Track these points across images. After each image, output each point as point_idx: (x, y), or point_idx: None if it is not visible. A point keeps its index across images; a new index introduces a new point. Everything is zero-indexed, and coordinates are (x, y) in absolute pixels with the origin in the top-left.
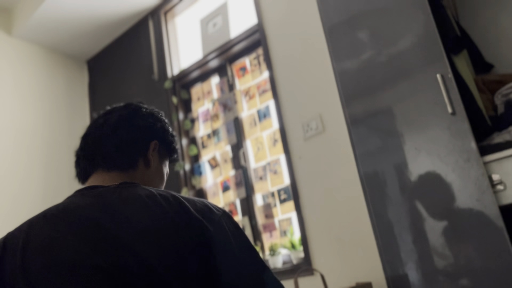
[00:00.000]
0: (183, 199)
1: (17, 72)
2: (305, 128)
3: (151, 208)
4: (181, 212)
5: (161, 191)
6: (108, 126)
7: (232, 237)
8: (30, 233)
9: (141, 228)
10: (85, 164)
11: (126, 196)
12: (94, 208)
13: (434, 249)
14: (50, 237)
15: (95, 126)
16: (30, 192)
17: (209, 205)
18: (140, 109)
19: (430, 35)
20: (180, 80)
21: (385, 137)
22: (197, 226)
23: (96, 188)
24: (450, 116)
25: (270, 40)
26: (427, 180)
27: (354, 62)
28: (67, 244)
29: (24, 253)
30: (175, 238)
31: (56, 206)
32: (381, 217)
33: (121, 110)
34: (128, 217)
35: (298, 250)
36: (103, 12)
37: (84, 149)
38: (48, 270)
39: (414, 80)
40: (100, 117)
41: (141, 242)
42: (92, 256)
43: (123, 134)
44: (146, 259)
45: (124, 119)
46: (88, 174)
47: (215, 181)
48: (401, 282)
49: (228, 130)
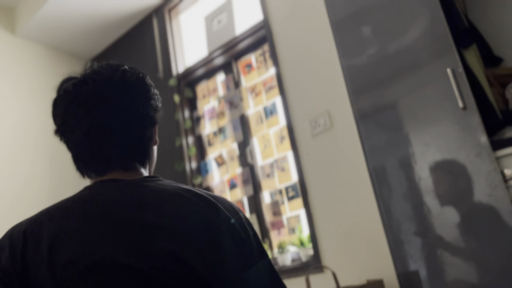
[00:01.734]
0: (210, 196)
1: (21, 71)
2: (313, 125)
3: (183, 205)
4: (212, 211)
5: (185, 186)
6: (118, 125)
7: (254, 242)
8: (53, 225)
9: (174, 226)
10: (96, 166)
11: (155, 191)
12: (124, 203)
13: (445, 245)
14: (77, 230)
15: (97, 124)
16: (35, 191)
17: (234, 206)
18: (139, 90)
19: (439, 29)
20: (185, 78)
21: (394, 132)
22: (228, 227)
23: (118, 181)
24: (461, 110)
25: (276, 36)
26: (437, 175)
27: (361, 57)
28: (94, 239)
29: (50, 245)
30: (210, 237)
31: (78, 198)
32: (391, 213)
33: (121, 97)
34: (160, 214)
35: (307, 247)
36: (107, 10)
37: (91, 150)
38: (74, 266)
39: (423, 74)
40: (96, 103)
41: (176, 242)
42: (123, 255)
43: (138, 130)
44: (184, 259)
45: (133, 110)
46: (102, 174)
47: (221, 179)
48: (412, 279)
49: (234, 128)
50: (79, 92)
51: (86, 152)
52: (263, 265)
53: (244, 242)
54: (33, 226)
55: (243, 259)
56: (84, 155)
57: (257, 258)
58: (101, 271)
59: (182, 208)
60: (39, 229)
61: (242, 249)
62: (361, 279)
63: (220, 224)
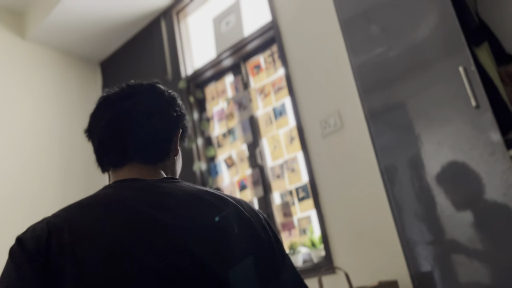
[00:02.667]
0: (229, 197)
1: (31, 75)
2: (323, 125)
3: (202, 207)
4: (232, 212)
5: (204, 188)
6: (138, 115)
7: (274, 242)
8: (76, 222)
9: (192, 227)
10: (114, 155)
11: (173, 193)
12: (144, 204)
13: (459, 246)
14: (99, 227)
15: (120, 113)
16: (46, 193)
17: (253, 207)
18: (164, 94)
19: (450, 26)
20: (194, 79)
21: (405, 131)
22: (248, 228)
23: (138, 180)
24: (473, 109)
25: (285, 37)
26: (450, 175)
27: (371, 56)
28: (117, 239)
29: (74, 241)
30: (229, 238)
31: (101, 196)
32: (403, 213)
33: (147, 95)
34: (179, 215)
35: (318, 248)
36: (115, 13)
37: (111, 138)
38: (97, 260)
39: (434, 72)
40: (120, 99)
41: (195, 242)
42: (146, 255)
43: (157, 124)
44: (205, 261)
45: (155, 107)
46: (118, 165)
47: (231, 180)
48: (426, 280)
49: (243, 129)
50: (110, 94)
51: (107, 139)
52: (284, 265)
53: (264, 242)
54: (57, 222)
55: (263, 260)
56: (105, 142)
57: (278, 258)
58: (122, 266)
59: (200, 210)
60: (62, 225)
61: (262, 249)
62: (373, 280)
63: (240, 225)
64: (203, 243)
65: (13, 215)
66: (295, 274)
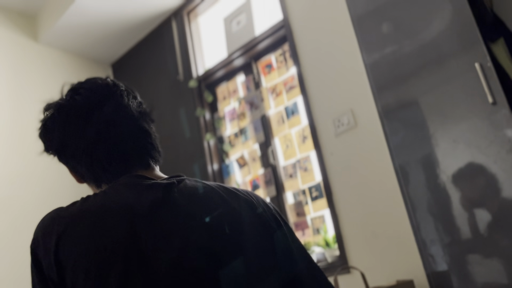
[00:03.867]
0: (239, 190)
1: (45, 78)
2: (336, 124)
3: (213, 201)
4: (242, 204)
5: (213, 183)
6: (125, 121)
7: (290, 237)
8: (90, 221)
9: (209, 223)
10: (115, 168)
11: (185, 190)
12: (156, 202)
13: (476, 244)
14: (113, 227)
15: (102, 123)
16: (58, 195)
17: (263, 199)
18: (123, 92)
19: (465, 22)
20: (205, 79)
21: (420, 128)
22: (258, 218)
23: (147, 178)
24: (490, 105)
25: (296, 35)
26: (467, 173)
27: (384, 53)
28: (132, 241)
29: (89, 237)
30: (240, 230)
31: (116, 195)
32: (419, 212)
33: (112, 97)
34: (194, 212)
35: (332, 248)
36: (126, 15)
37: (106, 152)
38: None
39: (449, 69)
40: (87, 108)
41: (212, 239)
42: (162, 250)
43: (144, 125)
44: (219, 255)
45: (134, 108)
46: (123, 174)
47: (244, 180)
48: (443, 279)
49: (255, 128)
50: (73, 103)
51: (102, 154)
52: (299, 252)
53: (277, 233)
54: (70, 219)
55: (278, 251)
56: (101, 158)
57: (291, 245)
58: (140, 264)
59: (212, 204)
60: (74, 224)
61: (275, 240)
62: (389, 280)
63: (251, 217)
64: (216, 238)
65: (25, 217)
66: (311, 261)
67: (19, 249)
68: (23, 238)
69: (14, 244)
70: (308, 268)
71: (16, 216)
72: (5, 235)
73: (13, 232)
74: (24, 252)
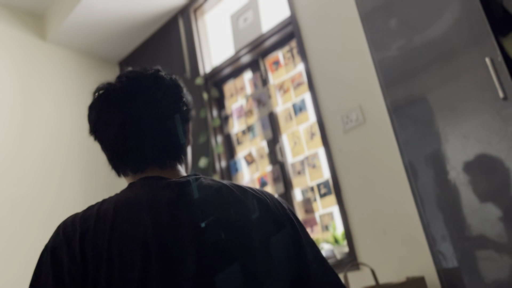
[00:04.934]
0: (253, 190)
1: (53, 76)
2: (345, 120)
3: (228, 201)
4: (257, 204)
5: (228, 182)
6: (150, 117)
7: (303, 235)
8: (108, 221)
9: (224, 222)
10: (133, 163)
11: (200, 189)
12: (171, 202)
13: (486, 241)
14: (130, 226)
15: (129, 118)
16: (68, 193)
17: (278, 198)
18: (170, 87)
19: (475, 16)
20: (212, 77)
21: (429, 124)
22: (273, 218)
23: (163, 179)
24: (501, 100)
25: (304, 32)
26: (478, 168)
27: (393, 49)
28: (145, 241)
29: (110, 239)
30: (255, 229)
31: (133, 194)
32: (429, 208)
33: (154, 91)
34: (206, 211)
35: (341, 244)
36: (133, 13)
37: (127, 147)
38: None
39: (459, 64)
40: (125, 99)
41: (227, 238)
42: (177, 250)
43: (170, 124)
44: (234, 256)
45: (164, 105)
46: (138, 171)
47: (252, 177)
48: (453, 275)
49: (263, 126)
50: (112, 89)
51: (121, 146)
52: (312, 252)
53: (290, 232)
54: (90, 220)
55: (291, 250)
56: (120, 150)
57: (305, 246)
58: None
59: (227, 204)
60: (95, 224)
61: (289, 239)
62: (400, 276)
63: (265, 216)
64: (230, 236)
65: (36, 215)
66: (323, 261)
67: (28, 247)
68: (32, 236)
69: (23, 242)
70: (321, 268)
71: (25, 215)
72: (15, 233)
73: (22, 231)
74: (33, 250)
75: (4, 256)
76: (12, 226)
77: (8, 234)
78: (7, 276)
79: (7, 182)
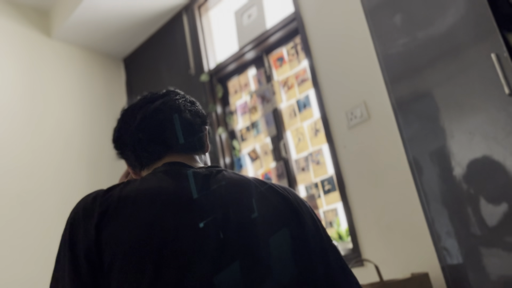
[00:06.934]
0: (276, 186)
1: (58, 73)
2: (349, 116)
3: (251, 194)
4: (280, 199)
5: (250, 176)
6: (170, 110)
7: (321, 230)
8: (128, 210)
9: (242, 216)
10: (154, 148)
11: (224, 182)
12: (199, 200)
13: (491, 237)
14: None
15: (151, 110)
16: (75, 187)
17: (299, 196)
18: (186, 96)
19: (480, 11)
20: (217, 73)
21: (434, 120)
22: (295, 215)
23: (185, 166)
24: (507, 96)
25: (308, 28)
26: (483, 165)
27: (398, 44)
28: (165, 227)
29: (125, 227)
30: (278, 225)
31: (155, 185)
32: (433, 205)
33: (171, 97)
34: (230, 202)
35: (345, 241)
36: (137, 9)
37: (148, 133)
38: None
39: (464, 59)
40: (146, 103)
41: (247, 232)
42: (192, 244)
43: (189, 117)
44: (254, 250)
45: (182, 105)
46: (159, 158)
47: (256, 173)
48: (458, 272)
49: (267, 122)
50: (133, 103)
51: (144, 136)
52: (332, 252)
53: (312, 230)
54: (111, 201)
55: (312, 247)
56: (141, 139)
57: (326, 245)
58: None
59: (248, 197)
60: (115, 206)
61: (310, 236)
62: (404, 273)
63: (287, 212)
64: (250, 230)
65: (43, 210)
66: (342, 261)
67: (37, 243)
68: (41, 231)
69: (32, 238)
70: (341, 269)
71: (31, 210)
72: (20, 229)
73: (31, 226)
74: (43, 246)
75: (14, 252)
76: (21, 221)
77: (18, 230)
78: (17, 271)
79: (15, 178)
